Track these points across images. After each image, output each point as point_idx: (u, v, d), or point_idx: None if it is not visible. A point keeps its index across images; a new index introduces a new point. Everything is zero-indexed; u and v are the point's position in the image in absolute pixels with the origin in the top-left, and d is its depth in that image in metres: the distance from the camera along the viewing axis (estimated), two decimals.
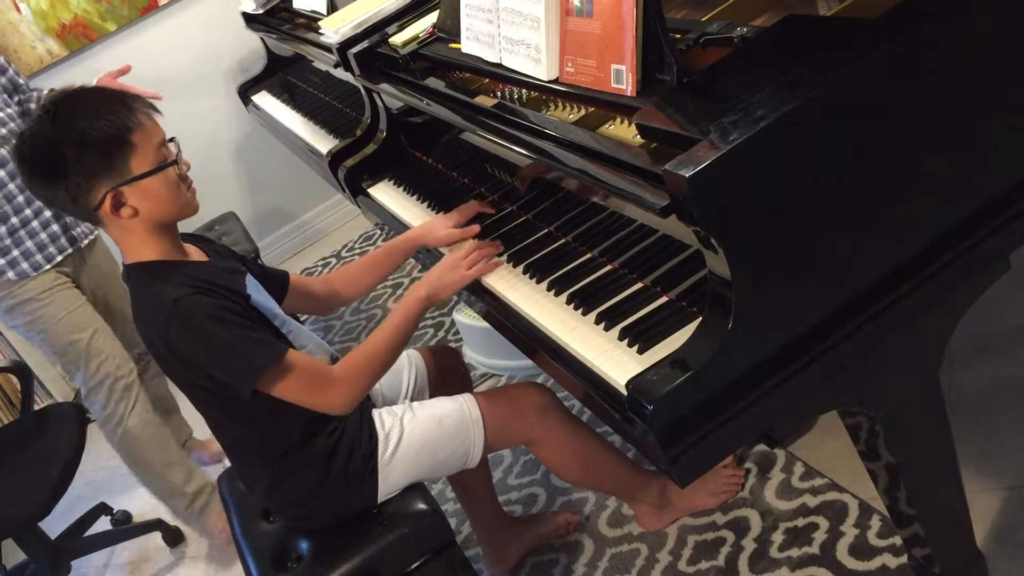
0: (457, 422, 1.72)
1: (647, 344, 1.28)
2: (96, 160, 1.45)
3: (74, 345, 2.46)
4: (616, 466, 1.93)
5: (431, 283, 1.68)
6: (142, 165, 1.49)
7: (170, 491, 2.57)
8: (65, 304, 2.47)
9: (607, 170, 1.28)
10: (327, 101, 2.99)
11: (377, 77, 2.11)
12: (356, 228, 4.19)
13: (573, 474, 1.91)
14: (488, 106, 1.63)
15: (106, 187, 1.47)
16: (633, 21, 1.28)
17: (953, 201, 1.22)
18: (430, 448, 1.70)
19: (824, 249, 1.15)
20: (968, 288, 1.29)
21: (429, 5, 2.18)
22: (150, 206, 1.51)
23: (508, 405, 1.78)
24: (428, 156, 2.22)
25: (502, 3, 1.59)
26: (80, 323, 2.48)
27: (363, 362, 1.61)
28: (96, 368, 2.47)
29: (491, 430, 1.74)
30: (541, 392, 1.81)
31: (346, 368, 1.59)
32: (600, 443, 1.89)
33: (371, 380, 1.62)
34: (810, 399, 1.24)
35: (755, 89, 1.11)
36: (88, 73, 3.54)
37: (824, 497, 1.92)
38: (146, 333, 1.55)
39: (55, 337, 2.46)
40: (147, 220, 1.52)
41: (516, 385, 1.91)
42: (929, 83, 1.16)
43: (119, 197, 1.48)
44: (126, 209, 1.49)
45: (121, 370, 2.51)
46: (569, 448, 1.83)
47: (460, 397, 1.77)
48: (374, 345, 1.62)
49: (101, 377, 2.47)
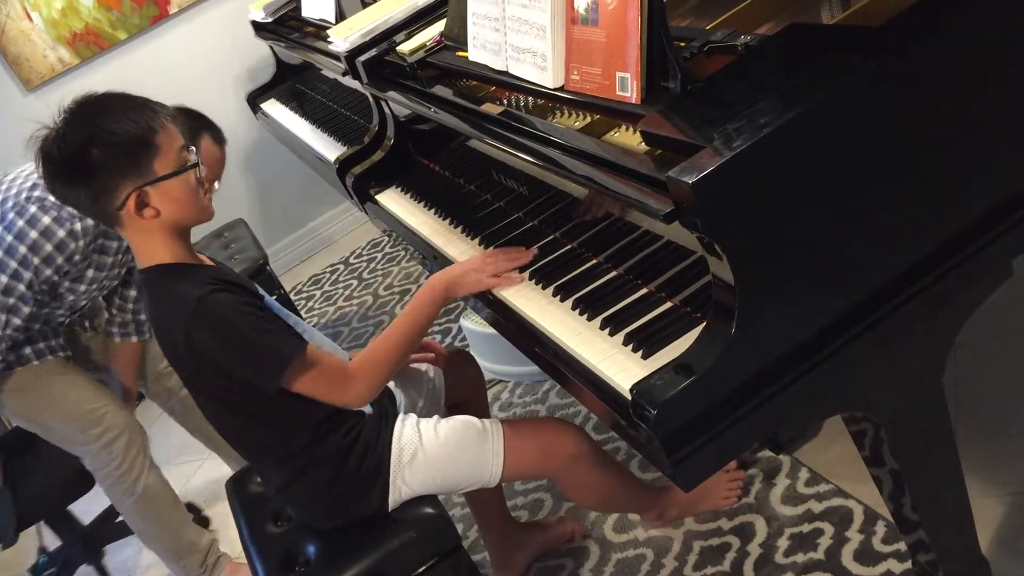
0: (478, 450, 1.69)
1: (651, 349, 1.29)
2: (122, 160, 1.48)
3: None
4: (632, 495, 1.94)
5: (452, 277, 1.66)
6: (165, 167, 1.52)
7: (187, 548, 2.46)
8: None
9: (612, 177, 1.29)
10: (335, 109, 3.01)
11: (385, 85, 2.13)
12: (364, 235, 4.21)
13: (589, 504, 1.96)
14: (494, 113, 1.65)
15: (130, 187, 1.49)
16: (638, 30, 1.30)
17: (955, 207, 1.22)
18: (445, 468, 1.69)
19: (827, 255, 1.16)
20: (971, 294, 1.30)
21: (436, 14, 2.19)
22: (171, 208, 1.53)
23: (537, 448, 1.73)
24: (435, 163, 2.24)
25: (508, 12, 1.61)
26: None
27: (380, 355, 1.62)
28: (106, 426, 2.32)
29: (512, 466, 1.71)
30: (577, 440, 1.75)
31: (363, 362, 1.61)
32: (620, 477, 1.89)
33: (388, 373, 1.63)
34: (814, 404, 1.25)
35: (758, 96, 1.12)
36: (99, 81, 3.57)
37: (829, 503, 1.93)
38: (166, 333, 1.56)
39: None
40: (166, 222, 1.54)
41: (551, 427, 1.80)
42: (931, 91, 1.17)
43: (142, 197, 1.50)
44: (149, 210, 1.51)
45: (131, 420, 2.39)
46: (591, 488, 1.83)
47: (488, 424, 1.72)
48: (390, 337, 1.63)
49: (116, 432, 2.33)
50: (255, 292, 1.61)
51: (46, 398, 2.29)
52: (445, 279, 1.67)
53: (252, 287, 1.63)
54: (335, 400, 1.59)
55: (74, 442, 2.33)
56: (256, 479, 1.93)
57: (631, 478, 1.96)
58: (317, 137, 2.95)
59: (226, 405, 1.63)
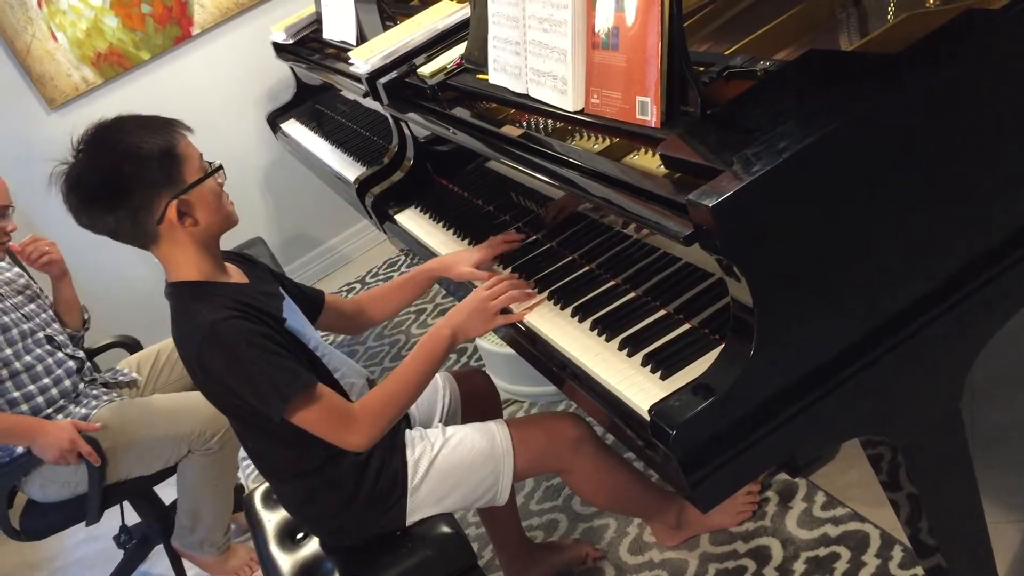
0: (488, 451, 1.72)
1: (670, 370, 1.30)
2: (155, 173, 1.50)
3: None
4: (642, 491, 1.94)
5: (457, 324, 1.66)
6: (193, 175, 1.55)
7: (223, 523, 2.59)
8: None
9: (632, 199, 1.30)
10: (354, 129, 3.04)
11: (405, 106, 2.16)
12: (380, 254, 4.23)
13: (600, 500, 1.93)
14: (514, 135, 1.67)
15: (167, 198, 1.52)
16: (658, 55, 1.31)
17: (973, 232, 1.23)
18: (458, 475, 1.71)
19: (845, 278, 1.17)
20: (989, 318, 1.30)
21: (456, 38, 2.22)
22: (205, 216, 1.56)
23: (542, 437, 1.77)
24: (453, 183, 2.26)
25: (529, 36, 1.63)
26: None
27: (384, 402, 1.62)
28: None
29: (522, 460, 1.73)
30: (576, 424, 1.80)
31: (366, 408, 1.60)
32: (628, 470, 1.90)
33: (391, 420, 1.63)
34: (832, 427, 1.25)
35: (777, 121, 1.14)
36: (121, 101, 3.64)
37: (846, 527, 1.92)
38: (183, 351, 1.58)
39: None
40: (200, 233, 1.57)
41: (551, 416, 1.89)
42: (949, 116, 1.18)
43: (181, 207, 1.53)
44: (188, 219, 1.54)
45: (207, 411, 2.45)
46: (599, 477, 1.83)
47: (493, 425, 1.76)
48: (395, 384, 1.63)
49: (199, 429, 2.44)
50: (275, 316, 1.61)
51: (129, 438, 2.38)
52: (452, 325, 1.66)
53: (275, 309, 1.63)
54: (335, 440, 1.58)
55: (180, 454, 2.44)
56: (273, 496, 1.94)
57: (638, 472, 1.95)
58: (336, 156, 2.98)
59: (244, 421, 1.65)
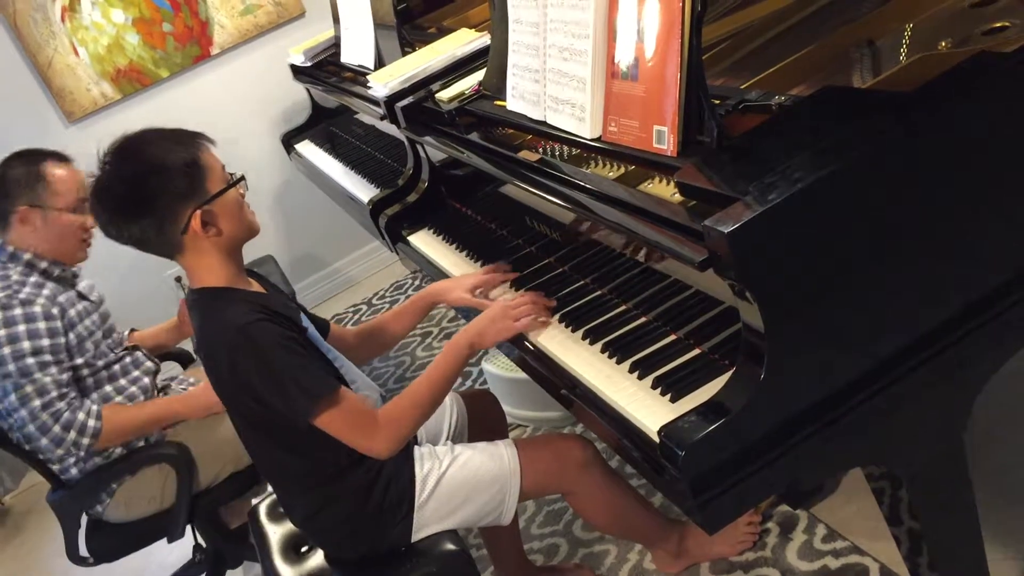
0: (496, 470, 1.74)
1: (680, 393, 1.32)
2: (180, 184, 1.54)
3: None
4: (645, 516, 1.96)
5: (477, 330, 1.69)
6: (216, 186, 1.58)
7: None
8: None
9: (647, 225, 1.33)
10: (368, 152, 3.08)
11: (422, 130, 2.19)
12: (387, 277, 4.26)
13: (603, 523, 1.94)
14: (531, 161, 1.70)
15: (191, 208, 1.55)
16: (677, 85, 1.35)
17: (983, 268, 1.26)
18: (465, 493, 1.73)
19: (854, 308, 1.19)
20: (996, 353, 1.33)
21: (473, 65, 2.26)
22: (228, 225, 1.60)
23: (550, 458, 1.80)
24: (467, 207, 2.29)
25: (549, 64, 1.67)
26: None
27: (406, 409, 1.64)
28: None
29: (529, 480, 1.76)
30: (583, 447, 1.82)
31: (389, 415, 1.63)
32: (633, 494, 1.91)
33: (413, 427, 1.66)
34: (838, 453, 1.27)
35: (793, 153, 1.17)
36: (139, 117, 3.68)
37: (846, 560, 1.93)
38: (207, 352, 1.60)
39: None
40: (224, 242, 1.60)
41: (559, 437, 1.91)
42: (961, 155, 1.21)
43: (206, 217, 1.56)
44: (212, 228, 1.57)
45: None
46: (604, 500, 1.85)
47: (501, 444, 1.78)
48: (416, 393, 1.66)
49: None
50: (299, 324, 1.64)
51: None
52: (470, 334, 1.69)
53: (297, 319, 1.67)
54: (358, 446, 1.61)
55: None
56: (279, 509, 1.96)
57: (642, 498, 1.96)
58: (350, 178, 3.02)
59: (260, 429, 1.67)
